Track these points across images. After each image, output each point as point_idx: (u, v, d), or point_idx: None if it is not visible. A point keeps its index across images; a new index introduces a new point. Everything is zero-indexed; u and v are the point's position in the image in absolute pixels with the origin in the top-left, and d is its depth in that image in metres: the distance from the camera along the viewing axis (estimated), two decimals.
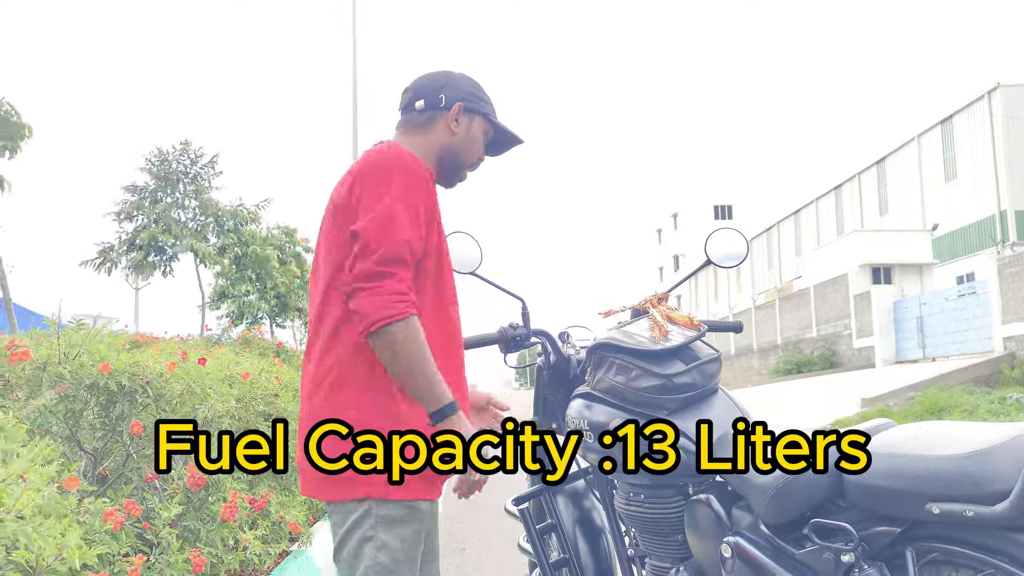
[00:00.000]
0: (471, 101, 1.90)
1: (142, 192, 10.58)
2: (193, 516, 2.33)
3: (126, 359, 2.28)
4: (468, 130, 1.90)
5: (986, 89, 27.06)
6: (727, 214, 55.81)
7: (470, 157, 1.94)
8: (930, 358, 22.29)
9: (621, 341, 2.21)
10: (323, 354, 1.71)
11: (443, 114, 1.88)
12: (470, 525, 6.19)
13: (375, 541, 1.64)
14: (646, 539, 2.27)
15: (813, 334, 29.10)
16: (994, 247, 25.83)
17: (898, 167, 32.71)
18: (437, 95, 1.87)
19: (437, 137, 1.88)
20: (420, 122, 1.88)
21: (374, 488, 1.65)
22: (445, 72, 1.94)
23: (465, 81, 1.93)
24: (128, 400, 2.25)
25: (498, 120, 1.95)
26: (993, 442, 1.45)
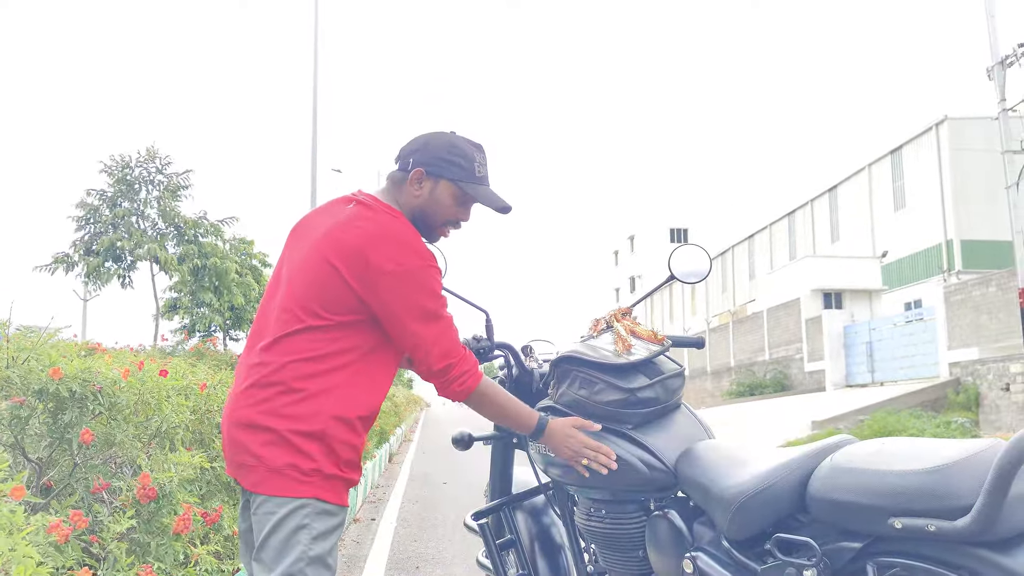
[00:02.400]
0: (436, 166, 2.00)
1: (101, 196, 10.34)
2: (143, 529, 2.25)
3: (79, 365, 2.21)
4: (431, 193, 2.01)
5: (934, 121, 27.85)
6: (683, 237, 56.49)
7: (438, 218, 2.04)
8: (879, 382, 22.71)
9: (585, 354, 2.20)
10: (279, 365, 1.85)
11: (408, 176, 2.01)
12: (424, 543, 6.11)
13: (310, 529, 1.77)
14: (606, 555, 2.25)
15: (766, 357, 29.49)
16: (941, 275, 26.51)
17: (849, 195, 33.44)
18: (408, 158, 2.02)
19: (406, 195, 2.02)
20: (396, 180, 2.04)
21: (319, 491, 1.80)
22: (429, 134, 2.07)
23: (441, 145, 2.03)
24: (79, 407, 2.17)
25: (466, 186, 2.02)
26: (955, 458, 1.46)
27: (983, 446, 1.49)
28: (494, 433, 2.66)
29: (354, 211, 1.93)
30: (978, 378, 18.15)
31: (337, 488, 1.84)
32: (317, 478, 1.80)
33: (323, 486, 1.81)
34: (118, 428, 2.33)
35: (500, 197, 2.09)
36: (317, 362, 1.82)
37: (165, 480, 2.34)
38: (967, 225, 26.91)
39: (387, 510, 7.76)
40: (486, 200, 2.07)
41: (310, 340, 1.83)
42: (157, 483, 2.29)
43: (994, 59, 16.48)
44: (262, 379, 1.82)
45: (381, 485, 9.84)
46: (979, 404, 17.87)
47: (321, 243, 1.89)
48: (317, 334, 1.83)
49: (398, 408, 19.60)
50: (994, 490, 1.34)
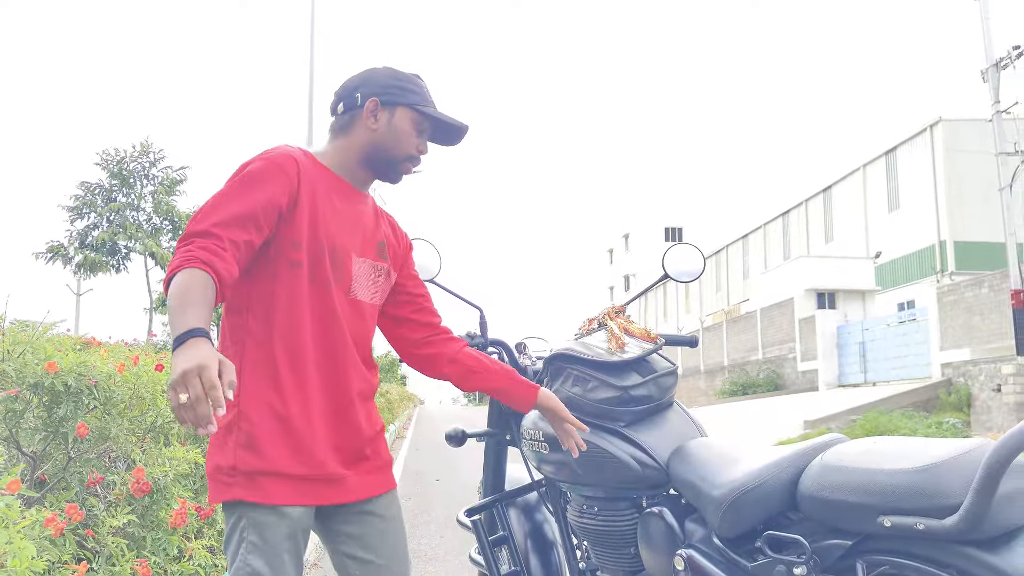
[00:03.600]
0: (390, 94, 1.82)
1: (95, 190, 10.33)
2: (137, 523, 2.26)
3: (74, 359, 2.21)
4: (389, 123, 1.82)
5: (928, 123, 27.94)
6: (677, 236, 56.54)
7: (401, 150, 1.85)
8: (871, 382, 22.79)
9: (578, 352, 2.21)
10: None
11: (360, 112, 1.82)
12: (417, 540, 6.12)
13: (246, 543, 1.60)
14: (598, 552, 2.27)
15: (759, 356, 29.55)
16: (934, 276, 26.61)
17: (844, 195, 33.54)
18: (353, 95, 1.83)
19: (358, 137, 1.83)
20: (341, 125, 1.85)
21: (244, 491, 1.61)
22: (367, 70, 1.88)
23: (385, 74, 1.86)
24: (74, 401, 2.17)
25: (427, 108, 1.86)
26: (944, 456, 1.47)
27: (972, 445, 1.50)
28: (488, 430, 2.67)
29: None
30: (970, 379, 18.22)
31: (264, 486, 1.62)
32: (240, 476, 1.61)
33: (245, 484, 1.61)
34: (113, 422, 2.33)
35: (455, 117, 1.91)
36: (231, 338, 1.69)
37: (159, 475, 2.34)
38: (961, 226, 27.01)
39: None
40: (446, 120, 1.88)
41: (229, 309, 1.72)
42: (151, 477, 2.30)
43: (988, 61, 16.54)
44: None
45: None
46: (971, 405, 17.95)
47: None
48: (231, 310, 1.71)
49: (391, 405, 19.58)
50: (982, 489, 1.35)
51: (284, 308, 1.68)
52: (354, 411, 1.78)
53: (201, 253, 1.49)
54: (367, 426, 1.82)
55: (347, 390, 1.78)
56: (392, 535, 1.86)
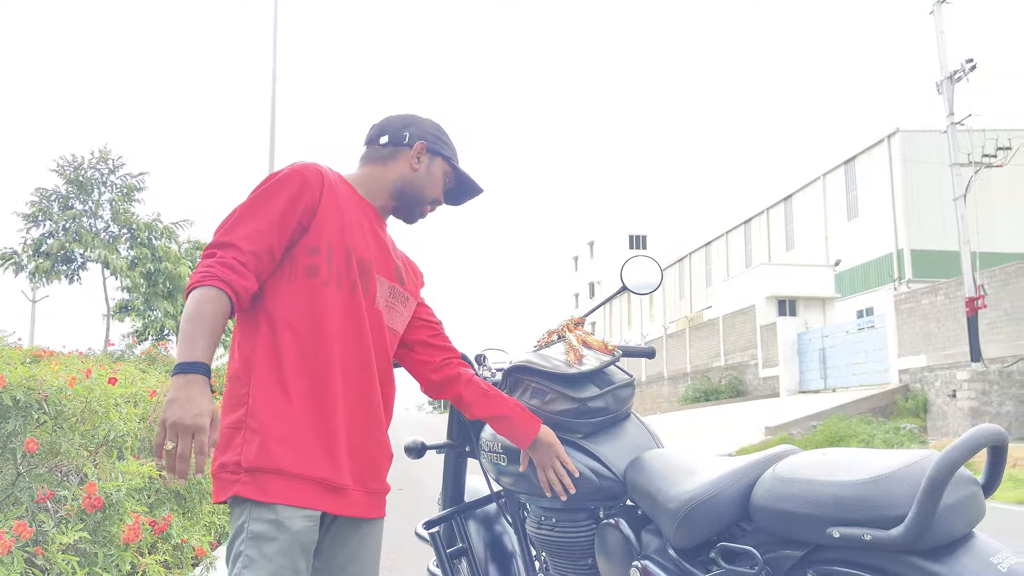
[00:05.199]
0: (435, 143, 1.97)
1: (51, 196, 10.14)
2: (88, 540, 2.21)
3: (23, 372, 2.16)
4: (428, 168, 1.97)
5: (886, 133, 28.49)
6: (642, 243, 56.96)
7: (429, 194, 1.99)
8: (831, 388, 23.12)
9: (537, 364, 2.22)
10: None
11: (405, 150, 1.94)
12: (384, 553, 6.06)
13: (243, 557, 1.58)
14: (556, 563, 2.28)
15: (721, 363, 29.85)
16: (892, 284, 27.10)
17: (804, 204, 34.05)
18: (402, 132, 1.95)
19: (397, 170, 1.94)
20: (382, 156, 1.95)
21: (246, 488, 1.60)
22: (411, 115, 2.02)
23: (430, 124, 2.01)
24: (23, 416, 2.12)
25: (459, 167, 2.03)
26: (891, 468, 1.51)
27: (918, 457, 1.53)
28: (447, 442, 2.67)
29: None
30: (926, 385, 18.58)
31: (268, 485, 1.60)
32: (243, 473, 1.60)
33: (248, 481, 1.60)
34: (63, 437, 2.29)
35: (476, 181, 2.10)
36: (241, 337, 1.72)
37: (112, 489, 2.30)
38: (917, 235, 27.56)
39: None
40: (470, 182, 2.07)
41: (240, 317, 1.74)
42: (104, 492, 2.26)
43: (943, 74, 16.91)
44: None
45: None
46: (927, 410, 18.29)
47: None
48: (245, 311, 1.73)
49: None
50: (926, 500, 1.39)
51: (301, 313, 1.71)
52: (380, 426, 1.83)
53: (220, 270, 1.57)
54: (387, 446, 1.87)
55: (373, 402, 1.81)
56: (369, 562, 1.86)
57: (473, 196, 2.14)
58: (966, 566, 1.42)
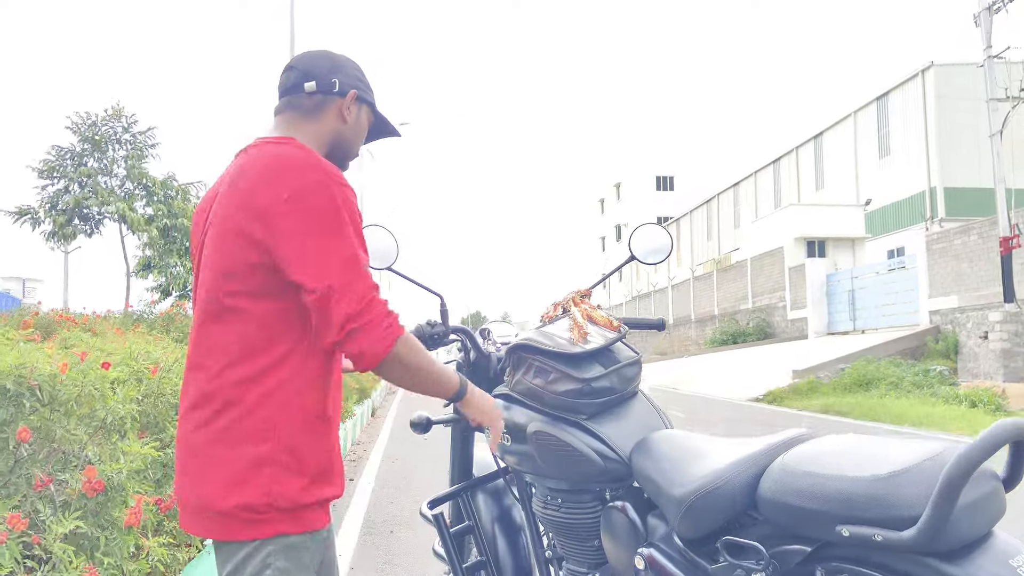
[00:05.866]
0: (363, 90, 1.79)
1: (66, 154, 10.14)
2: (91, 522, 2.20)
3: (13, 359, 2.12)
4: (358, 119, 1.79)
5: (920, 67, 27.64)
6: (669, 185, 56.29)
7: (357, 146, 1.83)
8: (860, 330, 22.89)
9: (540, 343, 2.15)
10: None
11: (335, 100, 1.74)
12: (400, 505, 6.13)
13: (272, 568, 1.51)
14: (563, 543, 2.24)
15: (749, 305, 29.65)
16: (923, 223, 26.58)
17: (834, 142, 33.33)
18: (330, 78, 1.73)
19: (329, 124, 1.74)
20: (309, 107, 1.73)
21: (281, 526, 1.53)
22: (330, 53, 1.80)
23: (353, 66, 1.81)
24: (14, 405, 2.09)
25: (381, 112, 1.87)
26: (904, 464, 1.43)
27: (934, 452, 1.45)
28: (453, 416, 2.61)
29: (237, 163, 1.64)
30: (957, 326, 18.30)
31: (304, 517, 1.55)
32: (274, 512, 1.51)
33: (285, 519, 1.52)
34: (58, 422, 2.26)
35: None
36: (252, 359, 1.52)
37: (113, 472, 2.27)
38: (951, 172, 26.91)
39: (366, 469, 7.80)
40: (388, 125, 1.92)
41: (239, 333, 1.53)
42: (104, 475, 2.23)
43: (981, 5, 16.27)
44: (200, 393, 1.55)
45: (362, 442, 9.88)
46: (958, 352, 18.05)
47: (215, 210, 1.62)
48: (246, 325, 1.53)
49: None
50: (941, 502, 1.31)
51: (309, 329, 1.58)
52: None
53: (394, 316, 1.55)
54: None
55: (340, 408, 1.74)
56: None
57: (384, 137, 1.97)
58: (982, 567, 1.35)
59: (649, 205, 55.79)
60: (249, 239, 1.51)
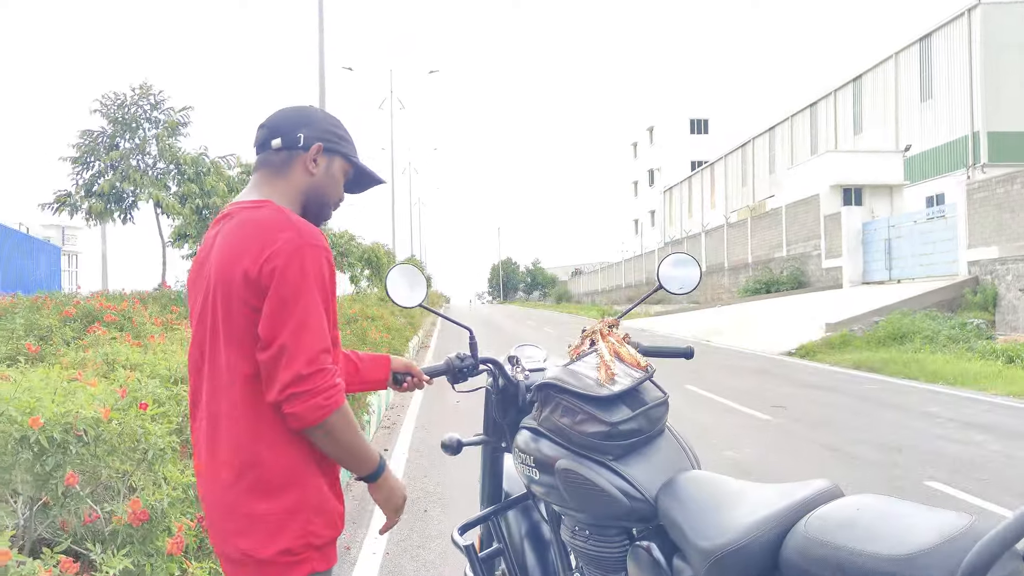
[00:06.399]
0: (332, 141, 1.85)
1: (97, 137, 10.22)
2: (138, 550, 2.30)
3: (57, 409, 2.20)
4: (328, 170, 1.85)
5: (966, 7, 26.67)
6: (703, 128, 55.38)
7: (332, 197, 1.89)
8: (896, 280, 22.60)
9: (568, 383, 2.17)
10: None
11: (301, 154, 1.81)
12: (433, 479, 6.25)
13: None
14: (591, 571, 2.29)
15: (783, 254, 29.35)
16: (964, 169, 25.95)
17: (874, 85, 32.45)
18: (295, 134, 1.80)
19: (297, 179, 1.81)
20: (278, 163, 1.80)
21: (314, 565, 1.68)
22: (303, 109, 1.88)
23: (326, 119, 1.88)
24: (61, 451, 2.18)
25: (358, 160, 1.92)
26: (924, 546, 1.44)
27: (958, 530, 1.46)
28: (483, 437, 2.67)
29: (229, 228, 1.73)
30: (997, 278, 18.00)
31: (329, 553, 1.72)
32: (310, 552, 1.66)
33: (316, 557, 1.67)
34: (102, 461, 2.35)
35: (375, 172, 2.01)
36: (264, 414, 1.63)
37: (155, 501, 2.38)
38: (995, 116, 26.14)
39: (400, 437, 7.93)
40: (371, 176, 1.98)
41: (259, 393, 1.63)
42: (148, 505, 2.33)
43: None
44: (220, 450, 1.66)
45: (395, 406, 10.01)
46: (996, 305, 17.78)
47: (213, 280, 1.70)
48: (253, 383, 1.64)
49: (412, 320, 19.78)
50: None
51: None
52: None
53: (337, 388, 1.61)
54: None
55: None
56: None
57: (372, 186, 2.03)
58: None
59: (683, 149, 55.06)
60: (256, 310, 1.62)
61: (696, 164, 52.60)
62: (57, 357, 4.20)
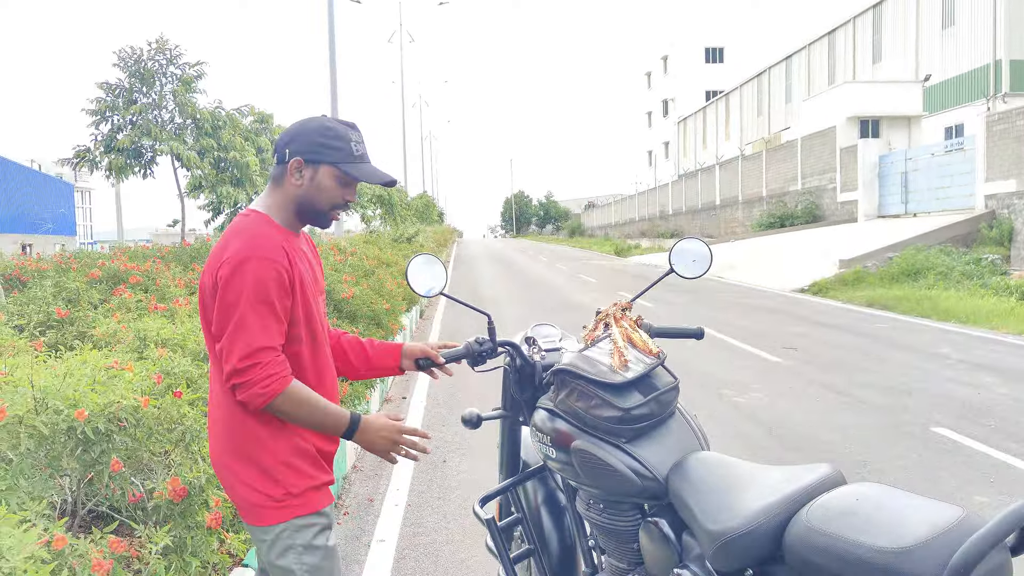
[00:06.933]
0: (315, 152, 1.98)
1: (116, 91, 10.22)
2: (179, 524, 2.46)
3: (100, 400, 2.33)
4: (312, 180, 2.00)
5: None
6: (718, 57, 54.28)
7: (325, 203, 2.03)
8: (911, 214, 22.44)
9: (582, 369, 2.27)
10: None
11: (286, 167, 2.00)
12: (451, 428, 6.41)
13: (295, 549, 1.94)
14: (605, 541, 2.43)
15: (798, 187, 29.12)
16: (985, 99, 25.45)
17: (895, 11, 31.60)
18: (283, 150, 1.99)
19: (289, 190, 2.00)
20: (276, 175, 2.03)
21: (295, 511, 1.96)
22: (301, 123, 2.04)
23: (312, 130, 2.00)
24: (106, 439, 2.32)
25: (349, 167, 2.00)
26: (918, 539, 1.55)
27: (949, 523, 1.56)
28: (501, 412, 2.78)
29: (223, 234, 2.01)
30: (1014, 212, 17.86)
31: (310, 500, 1.98)
32: (288, 499, 1.94)
33: (295, 504, 1.95)
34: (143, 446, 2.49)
35: (383, 172, 2.09)
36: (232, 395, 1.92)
37: (193, 478, 2.53)
38: (1019, 44, 25.50)
39: (417, 385, 8.09)
40: (370, 178, 2.05)
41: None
42: (186, 481, 2.48)
43: None
44: (221, 419, 1.98)
45: None
46: (1012, 240, 17.70)
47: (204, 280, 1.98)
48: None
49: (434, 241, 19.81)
50: None
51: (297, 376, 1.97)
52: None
53: (282, 368, 1.87)
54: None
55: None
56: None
57: (386, 184, 2.11)
58: None
59: (698, 79, 54.10)
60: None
61: (711, 94, 51.75)
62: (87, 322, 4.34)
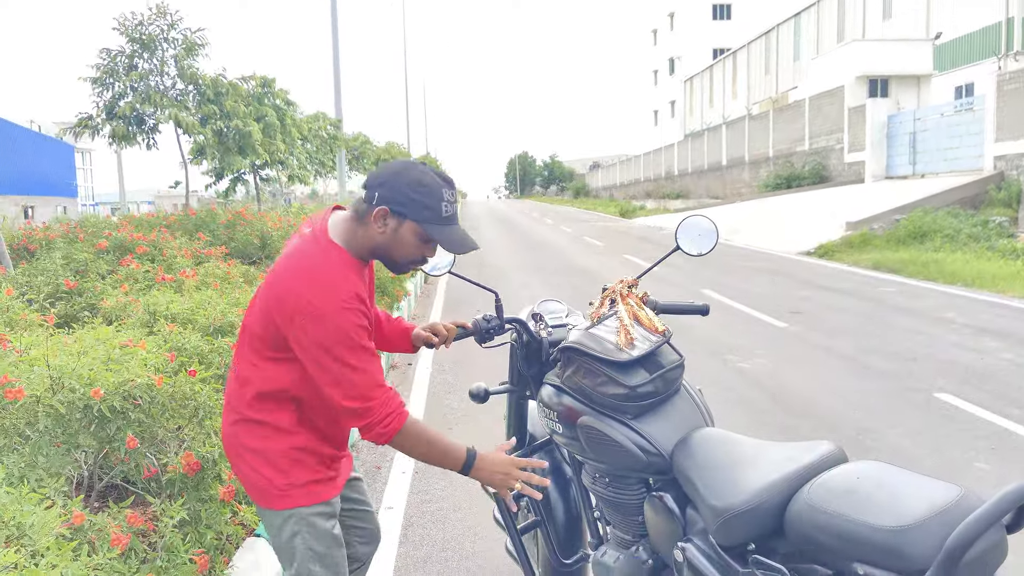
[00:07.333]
0: (403, 204, 1.93)
1: (116, 56, 10.14)
2: (193, 496, 2.52)
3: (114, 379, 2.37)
4: (396, 232, 1.95)
5: None
6: (726, 13, 53.46)
7: (402, 256, 2.01)
8: (919, 175, 22.27)
9: (589, 347, 2.30)
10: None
11: (372, 210, 1.94)
12: (457, 394, 6.47)
13: (302, 535, 2.02)
14: (610, 513, 2.48)
15: (805, 147, 28.89)
16: (996, 58, 25.11)
17: None
18: (373, 192, 1.94)
19: (369, 232, 1.96)
20: (361, 212, 1.97)
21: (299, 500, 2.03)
22: (397, 169, 1.98)
23: (407, 180, 1.94)
24: (122, 417, 2.36)
25: (432, 228, 1.96)
26: (916, 518, 1.58)
27: (947, 502, 1.60)
28: (508, 387, 2.82)
29: (295, 247, 2.01)
30: (1023, 173, 17.72)
31: (314, 491, 2.04)
32: (292, 489, 2.01)
33: (299, 495, 2.02)
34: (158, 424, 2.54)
35: (467, 239, 2.03)
36: (267, 398, 2.00)
37: (206, 452, 2.58)
38: None
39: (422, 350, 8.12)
40: (450, 245, 2.00)
41: (262, 378, 1.99)
42: (199, 455, 2.54)
43: None
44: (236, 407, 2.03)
45: (418, 316, 10.23)
46: (1020, 201, 17.57)
47: (265, 282, 2.01)
48: (267, 370, 1.98)
49: None
50: (947, 562, 1.47)
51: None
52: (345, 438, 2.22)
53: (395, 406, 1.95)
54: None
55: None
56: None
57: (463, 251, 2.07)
58: None
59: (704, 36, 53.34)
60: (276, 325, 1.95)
61: (718, 52, 51.09)
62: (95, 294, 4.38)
